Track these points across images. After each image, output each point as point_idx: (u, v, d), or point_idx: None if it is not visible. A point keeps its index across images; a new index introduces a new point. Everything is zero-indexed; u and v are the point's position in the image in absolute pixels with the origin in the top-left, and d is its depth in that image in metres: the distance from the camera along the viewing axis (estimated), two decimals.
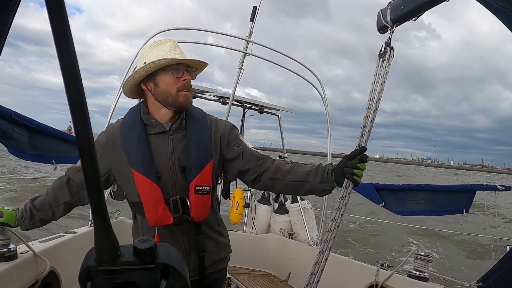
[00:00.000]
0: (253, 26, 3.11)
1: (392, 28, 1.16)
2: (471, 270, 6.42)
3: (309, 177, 1.28)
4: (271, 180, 1.35)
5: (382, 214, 5.84)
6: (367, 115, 1.15)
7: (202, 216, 1.37)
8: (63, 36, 0.34)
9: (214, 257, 1.45)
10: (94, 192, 0.40)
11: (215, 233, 1.46)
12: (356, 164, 1.15)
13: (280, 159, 1.40)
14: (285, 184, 1.33)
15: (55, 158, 2.13)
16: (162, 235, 1.36)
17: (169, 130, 1.34)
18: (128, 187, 1.34)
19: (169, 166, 1.32)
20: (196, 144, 1.34)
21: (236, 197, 3.88)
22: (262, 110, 4.15)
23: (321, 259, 1.08)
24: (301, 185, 1.30)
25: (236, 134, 1.43)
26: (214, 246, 1.45)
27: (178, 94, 1.29)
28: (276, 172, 1.34)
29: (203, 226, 1.40)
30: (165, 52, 1.28)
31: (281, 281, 3.22)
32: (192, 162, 1.32)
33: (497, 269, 1.66)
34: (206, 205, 1.36)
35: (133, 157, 1.30)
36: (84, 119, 0.37)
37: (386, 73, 1.15)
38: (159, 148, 1.32)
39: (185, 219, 1.33)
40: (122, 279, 0.44)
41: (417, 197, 2.35)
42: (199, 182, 1.32)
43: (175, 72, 1.28)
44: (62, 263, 1.82)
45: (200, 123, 1.38)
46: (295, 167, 1.33)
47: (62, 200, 1.39)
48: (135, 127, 1.34)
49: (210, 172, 1.34)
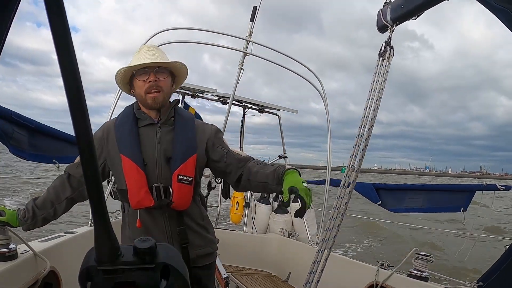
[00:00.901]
0: (253, 26, 3.11)
1: (392, 27, 1.16)
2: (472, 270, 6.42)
3: (269, 179, 1.36)
4: (247, 181, 1.45)
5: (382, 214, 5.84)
6: (366, 114, 1.14)
7: (184, 205, 1.43)
8: (63, 37, 0.34)
9: (198, 251, 1.49)
10: (94, 192, 0.40)
11: (199, 227, 1.52)
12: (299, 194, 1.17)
13: (254, 159, 1.49)
14: (255, 184, 1.43)
15: (57, 158, 2.14)
16: (144, 220, 1.43)
17: (157, 123, 1.45)
18: (117, 173, 1.44)
19: (155, 155, 1.41)
20: (182, 137, 1.45)
21: (236, 197, 3.88)
22: (262, 110, 4.14)
23: (320, 258, 1.08)
24: (265, 186, 1.39)
25: (220, 137, 1.54)
26: (198, 240, 1.50)
27: (146, 96, 1.41)
28: (249, 173, 1.44)
29: (185, 217, 1.46)
30: (137, 57, 1.42)
31: (281, 281, 3.22)
32: (177, 153, 1.42)
33: (497, 268, 1.67)
34: (187, 195, 1.43)
35: (123, 144, 1.41)
36: (84, 119, 0.37)
37: (387, 72, 1.14)
38: (147, 138, 1.43)
39: (165, 203, 1.40)
40: (122, 279, 0.44)
41: (416, 196, 2.35)
42: (182, 171, 1.40)
43: (139, 76, 1.41)
44: (62, 263, 1.82)
45: (187, 122, 1.50)
46: (261, 168, 1.42)
47: (63, 196, 1.45)
48: (128, 119, 1.46)
49: (193, 164, 1.43)
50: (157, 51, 1.47)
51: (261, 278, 3.20)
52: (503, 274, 1.61)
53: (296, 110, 4.36)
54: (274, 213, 3.82)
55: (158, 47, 1.52)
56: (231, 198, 3.89)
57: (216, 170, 1.54)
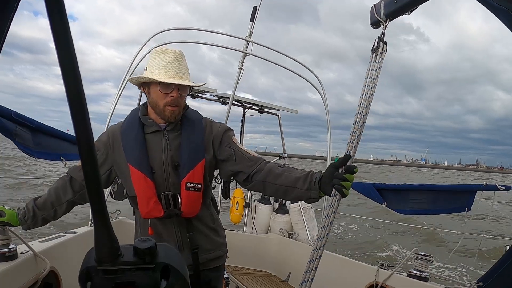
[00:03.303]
0: (253, 26, 3.11)
1: (385, 23, 1.15)
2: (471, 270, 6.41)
3: (298, 183, 1.28)
4: (262, 183, 1.37)
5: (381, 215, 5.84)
6: (360, 110, 1.14)
7: (193, 212, 1.43)
8: (63, 36, 0.34)
9: (207, 255, 1.50)
10: (94, 192, 0.40)
11: (209, 230, 1.51)
12: (343, 175, 1.11)
13: (273, 162, 1.40)
14: (275, 187, 1.34)
15: (64, 155, 2.15)
16: (156, 227, 1.44)
17: (164, 129, 1.42)
18: (126, 182, 1.43)
19: (162, 162, 1.40)
20: (189, 143, 1.41)
21: (236, 197, 3.88)
22: (262, 110, 4.14)
23: (315, 256, 1.08)
24: (290, 190, 1.30)
25: (228, 136, 1.47)
26: (208, 244, 1.50)
27: (164, 109, 1.38)
28: (268, 175, 1.35)
29: (195, 221, 1.46)
30: (164, 63, 1.35)
31: (281, 281, 3.22)
32: (185, 160, 1.39)
33: (497, 269, 1.67)
34: (196, 202, 1.42)
35: (130, 153, 1.39)
36: (84, 119, 0.37)
37: (380, 68, 1.14)
38: (154, 146, 1.41)
39: (174, 213, 1.40)
40: (122, 279, 0.44)
41: (419, 197, 2.35)
42: (190, 179, 1.39)
43: (162, 88, 1.35)
44: (62, 263, 1.82)
45: (194, 125, 1.45)
46: (285, 171, 1.34)
47: (65, 198, 1.44)
48: (134, 126, 1.43)
49: (201, 170, 1.41)
50: (184, 61, 1.41)
51: (261, 278, 3.20)
52: (503, 275, 1.61)
53: (296, 110, 4.37)
54: (275, 213, 3.82)
55: (183, 56, 1.43)
56: (231, 198, 3.88)
57: (224, 170, 1.47)
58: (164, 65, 1.35)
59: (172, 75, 1.34)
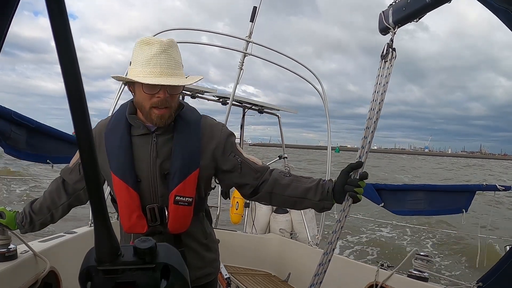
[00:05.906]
0: (253, 27, 3.11)
1: (394, 29, 1.16)
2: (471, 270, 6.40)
3: (309, 194, 1.22)
4: (269, 194, 1.28)
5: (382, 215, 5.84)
6: (370, 116, 1.15)
7: (180, 228, 1.26)
8: (64, 36, 0.34)
9: (197, 273, 1.33)
10: (94, 192, 0.40)
11: (200, 246, 1.34)
12: (357, 182, 1.14)
13: (278, 170, 1.32)
14: (284, 199, 1.27)
15: (51, 158, 2.13)
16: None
17: (153, 132, 1.23)
18: (110, 186, 1.27)
19: (149, 171, 1.22)
20: (182, 150, 1.22)
21: (236, 197, 3.88)
22: (262, 110, 4.15)
23: (325, 260, 1.09)
24: (299, 201, 1.25)
25: (232, 142, 1.31)
26: (198, 261, 1.33)
27: (151, 111, 1.17)
28: (274, 185, 1.26)
29: (185, 237, 1.29)
30: (148, 58, 1.14)
31: (281, 281, 3.22)
32: (175, 169, 1.21)
33: (497, 269, 1.67)
34: (186, 218, 1.25)
35: (113, 159, 1.22)
36: (84, 119, 0.37)
37: (389, 74, 1.14)
38: (141, 151, 1.22)
39: (158, 231, 1.24)
40: (122, 279, 0.44)
41: (417, 197, 2.34)
42: (180, 192, 1.21)
43: (146, 89, 1.14)
44: (62, 263, 1.82)
45: (190, 127, 1.26)
46: (293, 181, 1.25)
47: (59, 202, 1.37)
48: (119, 127, 1.25)
49: (194, 182, 1.23)
50: (174, 52, 1.18)
51: (261, 279, 3.20)
52: (504, 275, 1.61)
53: (296, 110, 4.38)
54: (275, 213, 3.82)
55: (173, 46, 1.19)
56: (231, 198, 3.88)
57: (225, 181, 1.32)
58: (148, 60, 1.13)
59: (158, 71, 1.13)
